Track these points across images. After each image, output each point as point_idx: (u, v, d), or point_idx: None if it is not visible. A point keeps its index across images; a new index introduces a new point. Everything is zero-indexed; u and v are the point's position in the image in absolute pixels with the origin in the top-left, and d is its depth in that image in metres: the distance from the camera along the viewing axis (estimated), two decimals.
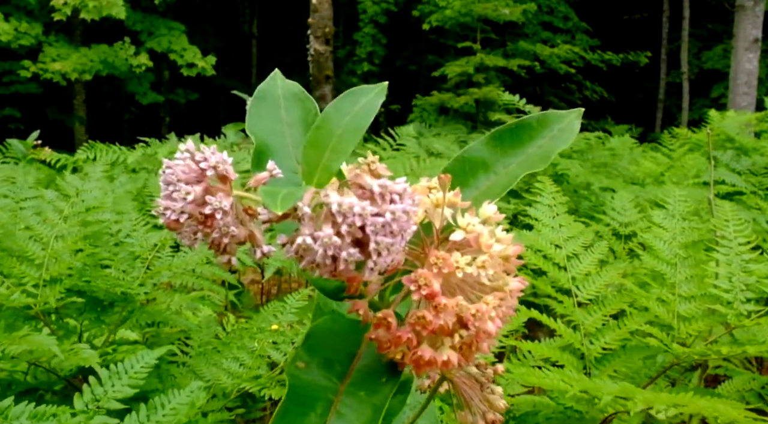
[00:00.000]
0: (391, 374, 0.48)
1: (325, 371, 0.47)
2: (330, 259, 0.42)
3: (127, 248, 1.97)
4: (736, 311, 1.54)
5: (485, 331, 0.45)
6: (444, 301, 0.45)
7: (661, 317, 1.61)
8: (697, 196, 2.72)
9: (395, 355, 0.47)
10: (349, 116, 0.50)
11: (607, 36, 14.18)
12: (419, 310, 0.45)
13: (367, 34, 13.61)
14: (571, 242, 1.81)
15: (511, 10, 9.49)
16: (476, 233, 0.47)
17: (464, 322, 0.46)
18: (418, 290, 0.45)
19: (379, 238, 0.42)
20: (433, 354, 0.46)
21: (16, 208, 2.18)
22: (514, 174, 0.54)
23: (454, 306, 0.45)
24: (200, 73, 11.85)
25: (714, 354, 1.43)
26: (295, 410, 0.43)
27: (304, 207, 0.42)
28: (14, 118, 12.81)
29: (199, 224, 0.44)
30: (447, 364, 0.46)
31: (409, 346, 0.46)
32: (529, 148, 0.55)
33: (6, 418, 1.05)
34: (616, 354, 1.58)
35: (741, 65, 7.52)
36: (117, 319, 1.77)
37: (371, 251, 0.42)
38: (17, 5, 11.54)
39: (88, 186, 2.01)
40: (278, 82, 0.59)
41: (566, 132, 0.56)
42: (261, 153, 0.52)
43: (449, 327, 0.45)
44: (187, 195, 0.43)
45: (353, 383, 0.47)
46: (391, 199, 0.43)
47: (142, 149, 4.13)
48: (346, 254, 0.42)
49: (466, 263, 0.46)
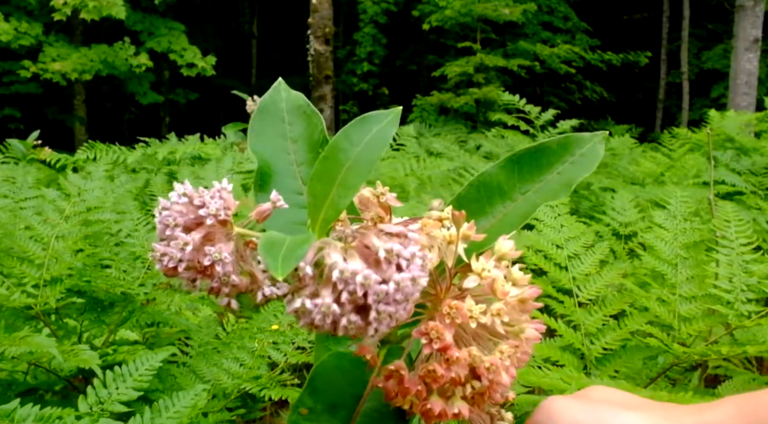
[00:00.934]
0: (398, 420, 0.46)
1: (330, 417, 0.45)
2: (330, 324, 0.40)
3: (127, 248, 1.97)
4: (736, 312, 1.54)
5: (499, 383, 0.44)
6: (456, 354, 0.43)
7: (661, 317, 1.61)
8: (697, 196, 2.72)
9: (403, 405, 0.45)
10: (359, 147, 0.46)
11: (607, 36, 14.19)
12: (430, 363, 0.43)
13: (367, 34, 13.61)
14: (572, 242, 1.81)
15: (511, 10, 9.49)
16: (491, 279, 0.44)
17: (477, 373, 0.44)
18: (430, 344, 0.43)
19: (381, 307, 0.39)
20: (443, 407, 0.44)
21: (17, 208, 2.18)
22: (532, 202, 0.50)
23: (467, 358, 0.43)
24: (200, 73, 11.85)
25: (714, 354, 1.43)
26: None
27: (306, 267, 0.40)
28: (14, 118, 12.81)
29: (197, 272, 0.42)
30: (458, 416, 0.44)
31: (419, 397, 0.44)
32: (548, 175, 0.52)
33: (12, 420, 1.05)
34: (617, 354, 1.58)
35: (741, 65, 7.52)
36: (117, 319, 1.77)
37: (372, 320, 0.40)
38: (17, 5, 11.54)
39: (89, 185, 2.01)
40: (282, 93, 0.56)
41: (589, 157, 0.53)
42: (264, 174, 0.50)
43: (461, 379, 0.43)
44: (186, 246, 0.41)
45: None
46: (398, 264, 0.40)
47: (142, 149, 4.13)
48: (346, 321, 0.40)
49: (480, 312, 0.43)
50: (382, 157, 2.00)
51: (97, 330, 1.81)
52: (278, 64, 16.80)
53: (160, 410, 1.21)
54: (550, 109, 4.84)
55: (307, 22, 7.10)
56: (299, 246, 0.39)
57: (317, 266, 0.40)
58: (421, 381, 0.44)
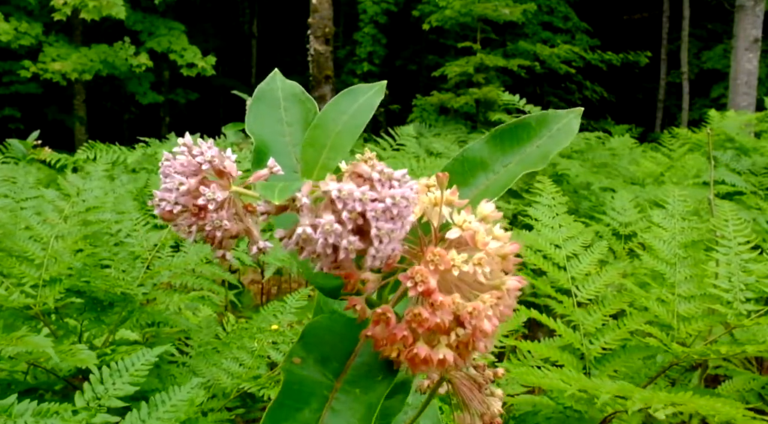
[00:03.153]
0: (387, 373, 0.48)
1: (321, 368, 0.47)
2: (330, 248, 0.41)
3: (127, 247, 1.97)
4: (735, 311, 1.54)
5: (482, 330, 0.45)
6: (440, 298, 0.44)
7: (660, 316, 1.61)
8: (697, 196, 2.72)
9: (391, 353, 0.47)
10: (347, 115, 0.50)
11: (607, 36, 14.18)
12: (415, 307, 0.45)
13: (367, 34, 13.61)
14: (571, 242, 1.81)
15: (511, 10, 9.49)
16: (472, 231, 0.46)
17: (461, 320, 0.45)
18: (415, 287, 0.44)
19: (380, 223, 0.41)
20: (428, 352, 0.45)
21: (17, 208, 2.18)
22: (512, 173, 0.54)
23: (451, 304, 0.45)
24: (200, 73, 11.85)
25: (713, 354, 1.43)
26: (290, 405, 0.43)
27: (303, 197, 0.42)
28: (14, 118, 12.81)
29: (192, 215, 0.44)
30: (443, 363, 0.45)
31: (405, 344, 0.46)
32: (527, 148, 0.55)
33: (10, 416, 1.05)
34: (616, 354, 1.58)
35: (741, 65, 7.52)
36: (117, 319, 1.77)
37: (373, 238, 0.41)
38: (17, 5, 11.54)
39: (89, 185, 2.01)
40: (278, 82, 0.59)
41: (565, 132, 0.56)
42: (261, 152, 0.52)
43: (446, 325, 0.44)
44: (180, 185, 0.43)
45: (349, 380, 0.47)
46: (391, 185, 0.42)
47: (142, 149, 4.12)
48: (347, 242, 0.41)
49: (462, 260, 0.45)
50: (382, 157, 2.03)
51: (97, 330, 1.81)
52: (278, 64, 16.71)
53: (156, 405, 1.22)
54: (549, 109, 4.83)
55: (307, 22, 7.10)
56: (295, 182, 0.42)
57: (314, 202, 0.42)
58: (408, 327, 0.45)
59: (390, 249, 0.42)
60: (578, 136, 4.87)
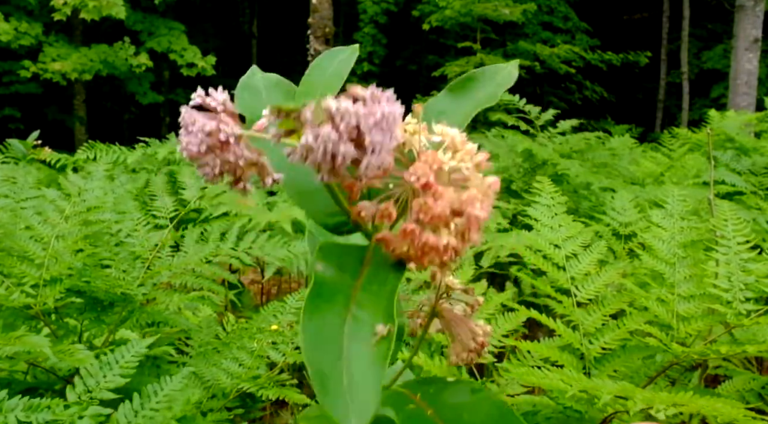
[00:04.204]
0: (398, 269, 0.55)
1: (341, 273, 0.54)
2: (330, 155, 0.49)
3: (127, 247, 1.97)
4: (735, 311, 1.54)
5: (476, 216, 0.53)
6: (440, 188, 0.52)
7: (660, 316, 1.61)
8: (697, 196, 2.72)
9: (401, 249, 0.54)
10: (332, 66, 0.63)
11: (607, 36, 14.18)
12: (421, 199, 0.53)
13: (367, 34, 13.61)
14: (570, 241, 1.81)
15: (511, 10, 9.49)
16: (450, 136, 0.55)
17: (458, 211, 0.53)
18: (417, 181, 0.52)
19: (373, 134, 0.49)
20: (435, 239, 0.52)
21: (17, 208, 2.18)
22: (467, 112, 0.64)
23: (450, 194, 0.53)
24: (200, 73, 11.86)
25: (713, 354, 1.43)
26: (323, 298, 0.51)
27: (307, 112, 0.49)
28: (14, 118, 12.81)
29: (215, 150, 0.51)
30: (447, 249, 0.53)
31: (413, 237, 0.53)
32: (477, 93, 0.66)
33: (1, 410, 1.06)
34: (616, 354, 1.58)
35: (741, 65, 7.52)
36: (117, 319, 1.77)
37: (366, 146, 0.49)
38: (17, 5, 11.55)
39: (90, 185, 2.01)
40: (257, 74, 0.68)
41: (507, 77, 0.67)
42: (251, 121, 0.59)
43: (446, 215, 0.52)
44: (204, 127, 0.51)
45: (365, 281, 0.54)
46: (380, 102, 0.50)
47: (142, 149, 4.13)
48: (344, 150, 0.48)
49: (449, 158, 0.54)
50: None
51: (97, 330, 1.82)
52: (278, 64, 16.79)
53: (149, 396, 1.24)
54: (550, 109, 4.84)
55: (307, 22, 7.10)
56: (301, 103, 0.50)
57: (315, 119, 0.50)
58: (415, 220, 0.53)
59: (381, 159, 0.50)
60: (578, 136, 4.87)
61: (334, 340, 0.48)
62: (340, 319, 0.50)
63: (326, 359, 0.47)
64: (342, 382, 0.46)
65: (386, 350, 0.48)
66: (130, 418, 1.19)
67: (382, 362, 0.48)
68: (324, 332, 0.49)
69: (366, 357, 0.48)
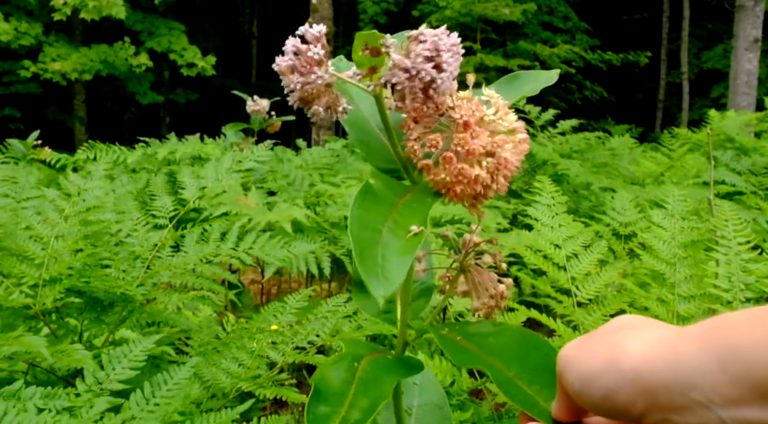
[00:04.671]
0: (434, 196, 0.64)
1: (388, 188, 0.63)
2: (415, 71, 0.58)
3: (127, 247, 1.97)
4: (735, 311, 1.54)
5: (506, 159, 0.61)
6: (478, 129, 0.61)
7: (660, 316, 1.61)
8: (697, 196, 2.72)
9: (439, 176, 0.62)
10: None
11: (607, 36, 14.19)
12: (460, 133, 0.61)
13: None
14: (571, 241, 1.81)
15: (511, 10, 9.50)
16: (492, 95, 0.65)
17: (490, 152, 0.61)
18: (461, 118, 0.61)
19: (447, 56, 0.59)
20: (469, 169, 0.61)
21: (17, 208, 2.18)
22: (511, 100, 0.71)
23: (485, 137, 0.61)
24: (200, 73, 11.86)
25: None
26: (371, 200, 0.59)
27: (390, 38, 0.58)
28: (14, 118, 12.82)
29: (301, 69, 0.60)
30: (478, 179, 0.61)
31: (451, 164, 0.61)
32: (522, 88, 0.75)
33: (19, 399, 1.09)
34: None
35: (741, 65, 7.52)
36: (117, 319, 1.77)
37: (442, 64, 0.59)
38: (17, 5, 11.55)
39: (90, 185, 2.01)
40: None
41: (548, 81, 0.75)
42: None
43: (481, 151, 0.61)
44: (295, 45, 0.60)
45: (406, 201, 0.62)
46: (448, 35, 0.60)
47: (142, 149, 4.12)
48: (428, 67, 0.58)
49: (491, 112, 0.63)
50: None
51: (97, 330, 1.81)
52: None
53: (159, 384, 1.28)
54: (550, 109, 4.83)
55: (307, 22, 7.11)
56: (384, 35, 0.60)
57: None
58: (454, 151, 0.61)
59: (449, 83, 0.60)
60: (578, 136, 4.87)
61: (375, 229, 0.56)
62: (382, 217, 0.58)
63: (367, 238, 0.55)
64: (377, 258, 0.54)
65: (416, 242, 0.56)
66: (142, 405, 1.23)
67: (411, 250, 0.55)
68: (368, 221, 0.57)
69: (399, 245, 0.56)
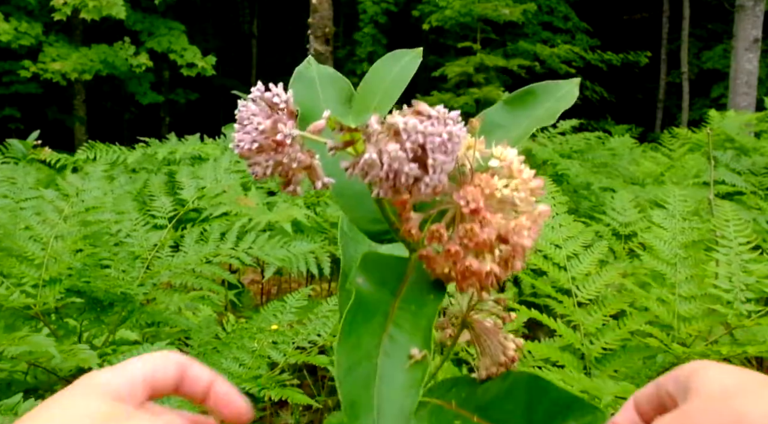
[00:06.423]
0: (438, 291, 0.55)
1: (381, 288, 0.54)
2: (392, 173, 0.48)
3: (126, 247, 1.97)
4: (736, 311, 1.54)
5: (522, 245, 0.52)
6: (488, 215, 0.51)
7: (661, 317, 1.61)
8: (697, 196, 2.72)
9: (442, 269, 0.53)
10: (394, 70, 0.59)
11: (607, 36, 14.18)
12: (467, 223, 0.51)
13: (367, 34, 13.61)
14: (571, 241, 1.81)
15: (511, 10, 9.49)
16: (509, 160, 0.53)
17: (504, 238, 0.52)
18: (467, 205, 0.51)
19: (436, 155, 0.48)
20: (478, 265, 0.52)
21: (16, 208, 2.18)
22: (526, 128, 0.62)
23: (497, 221, 0.51)
24: (200, 73, 11.85)
25: (714, 354, 1.43)
26: (362, 316, 0.50)
27: (374, 124, 0.48)
28: (14, 118, 12.80)
29: (270, 150, 0.50)
30: (489, 275, 0.52)
31: (456, 259, 0.52)
32: (536, 110, 0.63)
33: (16, 414, 1.08)
34: (616, 354, 1.58)
35: (741, 65, 7.52)
36: (117, 319, 1.77)
37: (429, 167, 0.48)
38: (17, 5, 11.54)
39: (88, 186, 2.01)
40: (312, 66, 0.67)
41: (567, 96, 0.64)
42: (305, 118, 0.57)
43: (491, 241, 0.51)
44: (259, 125, 0.49)
45: (404, 299, 0.53)
46: (446, 122, 0.49)
47: (142, 149, 4.12)
48: (408, 169, 0.48)
49: (503, 185, 0.52)
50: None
51: (97, 330, 1.81)
52: (278, 64, 16.79)
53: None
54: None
55: (307, 22, 7.10)
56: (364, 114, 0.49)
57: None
58: (459, 242, 0.52)
59: (440, 179, 0.49)
60: (578, 136, 4.86)
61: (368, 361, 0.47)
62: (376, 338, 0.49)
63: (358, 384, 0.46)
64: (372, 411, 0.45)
65: (420, 376, 0.47)
66: None
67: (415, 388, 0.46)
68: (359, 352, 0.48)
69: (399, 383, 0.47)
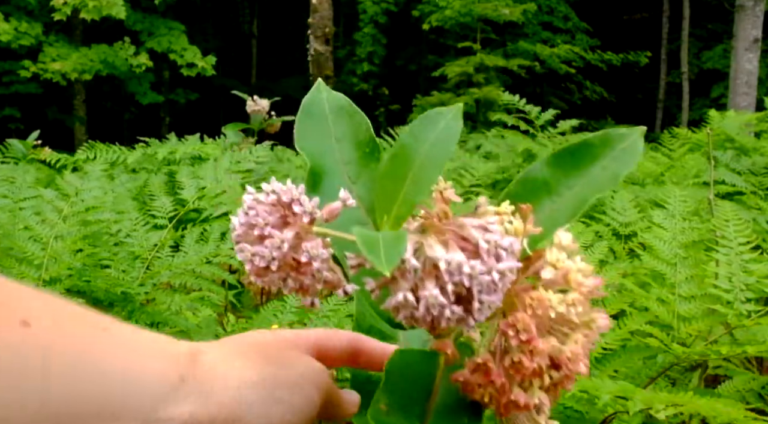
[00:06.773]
0: (473, 414, 0.47)
1: (405, 414, 0.46)
2: (430, 317, 0.40)
3: (126, 247, 1.97)
4: (736, 311, 1.54)
5: (577, 372, 0.44)
6: (541, 345, 0.43)
7: (661, 317, 1.61)
8: (697, 196, 2.72)
9: (483, 397, 0.45)
10: (428, 143, 0.46)
11: (607, 36, 14.19)
12: (515, 355, 0.44)
13: (367, 34, 13.62)
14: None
15: (511, 10, 9.50)
16: (566, 269, 0.45)
17: (556, 363, 0.44)
18: (517, 335, 0.43)
19: (483, 296, 0.40)
20: (526, 399, 0.44)
21: (16, 209, 2.18)
22: (581, 196, 0.50)
23: (549, 349, 0.44)
24: (200, 73, 11.86)
25: (714, 354, 1.43)
26: None
27: (411, 260, 0.39)
28: (14, 118, 12.81)
29: (291, 270, 0.41)
30: (538, 406, 0.45)
31: (501, 390, 0.44)
32: (593, 169, 0.51)
33: None
34: (616, 354, 1.58)
35: (741, 65, 7.52)
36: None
37: (474, 310, 0.40)
38: (17, 5, 11.55)
39: (87, 185, 2.01)
40: (323, 93, 0.55)
41: (630, 152, 0.53)
42: (316, 174, 0.49)
43: (542, 369, 0.44)
44: (283, 243, 0.40)
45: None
46: (497, 254, 0.40)
47: (142, 149, 4.12)
48: (450, 312, 0.39)
49: (558, 301, 0.43)
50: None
51: None
52: (278, 64, 16.80)
53: None
54: (550, 109, 4.83)
55: (307, 22, 7.11)
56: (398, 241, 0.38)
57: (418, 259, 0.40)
58: (505, 373, 0.44)
59: (487, 315, 0.41)
60: (578, 137, 4.86)
61: None
62: None
63: None
64: None
65: None
66: None
67: None
68: None
69: None
